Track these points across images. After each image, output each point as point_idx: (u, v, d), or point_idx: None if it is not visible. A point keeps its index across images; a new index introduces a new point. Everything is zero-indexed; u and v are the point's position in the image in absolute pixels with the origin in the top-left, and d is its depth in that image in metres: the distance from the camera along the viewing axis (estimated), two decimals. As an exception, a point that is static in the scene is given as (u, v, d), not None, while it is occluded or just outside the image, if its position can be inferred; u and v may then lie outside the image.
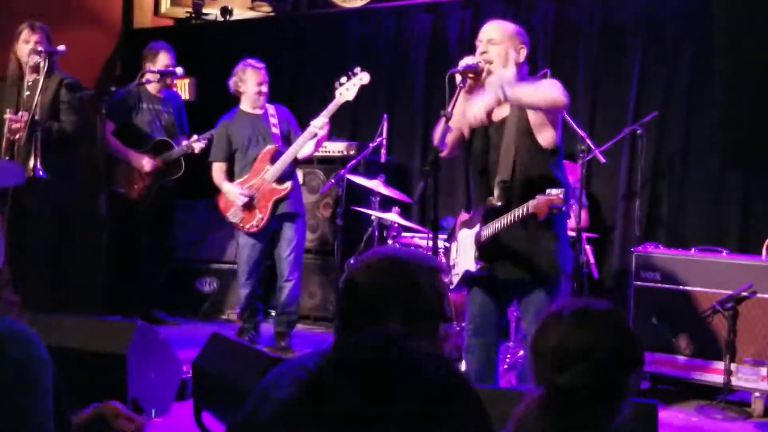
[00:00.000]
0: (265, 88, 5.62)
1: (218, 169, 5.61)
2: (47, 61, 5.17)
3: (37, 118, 5.15)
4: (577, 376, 1.72)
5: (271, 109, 5.69)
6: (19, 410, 1.56)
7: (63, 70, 5.46)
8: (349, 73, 5.37)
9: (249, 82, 5.57)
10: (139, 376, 3.86)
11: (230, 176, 5.65)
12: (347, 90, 5.32)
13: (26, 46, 5.36)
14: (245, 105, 5.65)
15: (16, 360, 1.56)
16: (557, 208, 3.25)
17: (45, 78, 5.17)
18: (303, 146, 5.44)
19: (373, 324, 1.80)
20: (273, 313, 5.97)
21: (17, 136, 5.14)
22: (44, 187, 5.10)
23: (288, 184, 5.52)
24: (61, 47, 5.22)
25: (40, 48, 5.29)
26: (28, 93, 5.22)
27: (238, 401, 3.22)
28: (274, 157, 5.53)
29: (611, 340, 1.76)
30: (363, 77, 5.31)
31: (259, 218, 5.50)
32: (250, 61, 5.64)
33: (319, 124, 5.33)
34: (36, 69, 5.27)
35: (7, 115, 5.18)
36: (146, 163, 6.01)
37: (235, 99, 5.80)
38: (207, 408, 3.48)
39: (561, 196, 3.23)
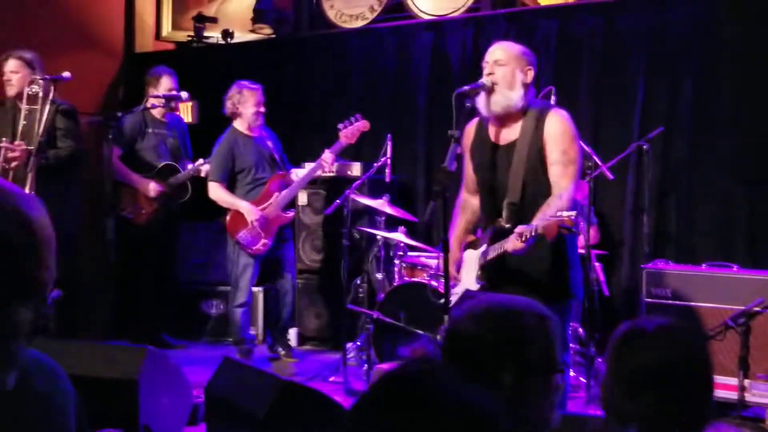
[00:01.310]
0: (263, 109, 5.71)
1: (220, 188, 5.66)
2: (46, 89, 5.15)
3: (31, 147, 5.09)
4: (650, 402, 1.59)
5: (264, 132, 5.81)
6: None
7: (60, 96, 5.41)
8: (351, 118, 5.58)
9: (247, 103, 5.66)
10: (151, 402, 3.83)
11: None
12: (352, 134, 5.56)
13: (14, 75, 5.35)
14: (241, 125, 5.72)
15: (42, 393, 1.54)
16: (567, 229, 3.22)
17: (41, 105, 5.14)
18: (310, 179, 5.71)
19: (481, 380, 1.64)
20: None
21: (13, 165, 5.10)
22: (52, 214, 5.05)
23: (291, 213, 5.78)
24: (66, 74, 5.21)
25: (37, 77, 5.25)
26: (24, 122, 5.18)
27: (251, 426, 3.20)
28: (281, 184, 5.68)
29: (686, 362, 1.62)
30: (364, 125, 5.59)
31: (264, 242, 5.59)
32: (245, 82, 5.74)
33: (330, 161, 5.57)
34: (32, 97, 5.18)
35: (3, 144, 5.13)
36: (152, 188, 6.01)
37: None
38: (220, 433, 3.46)
39: (572, 217, 3.20)
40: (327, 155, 5.55)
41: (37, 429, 1.54)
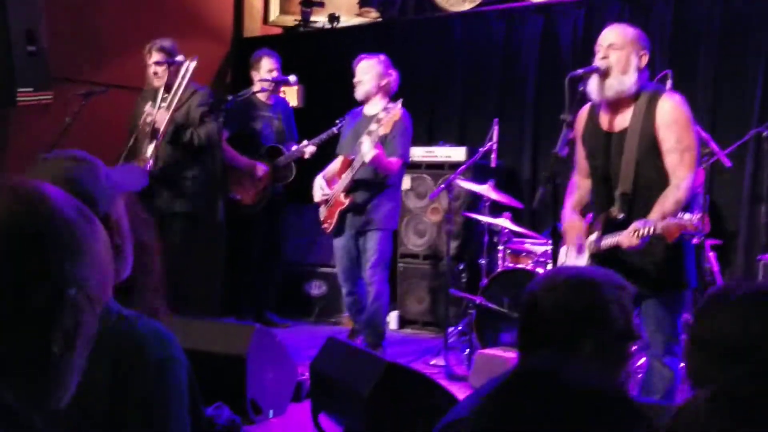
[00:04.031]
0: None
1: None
2: (171, 72, 5.35)
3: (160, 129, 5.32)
4: (748, 374, 1.41)
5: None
6: (161, 413, 1.58)
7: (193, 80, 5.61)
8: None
9: None
10: (258, 377, 3.92)
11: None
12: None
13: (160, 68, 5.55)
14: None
15: (157, 361, 1.58)
16: (689, 235, 3.17)
17: (175, 90, 5.35)
18: (358, 170, 5.17)
19: (561, 349, 1.77)
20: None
21: (147, 130, 5.34)
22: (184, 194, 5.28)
23: (347, 199, 5.26)
24: (180, 58, 5.37)
25: (163, 60, 5.44)
26: (162, 105, 5.40)
27: (355, 404, 3.23)
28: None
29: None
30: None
31: (328, 222, 5.40)
32: None
33: (365, 150, 5.02)
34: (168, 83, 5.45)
35: (147, 109, 5.44)
36: (260, 169, 6.10)
37: (341, 106, 5.83)
38: (324, 410, 3.50)
39: (694, 221, 3.13)
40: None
41: (151, 394, 1.58)
